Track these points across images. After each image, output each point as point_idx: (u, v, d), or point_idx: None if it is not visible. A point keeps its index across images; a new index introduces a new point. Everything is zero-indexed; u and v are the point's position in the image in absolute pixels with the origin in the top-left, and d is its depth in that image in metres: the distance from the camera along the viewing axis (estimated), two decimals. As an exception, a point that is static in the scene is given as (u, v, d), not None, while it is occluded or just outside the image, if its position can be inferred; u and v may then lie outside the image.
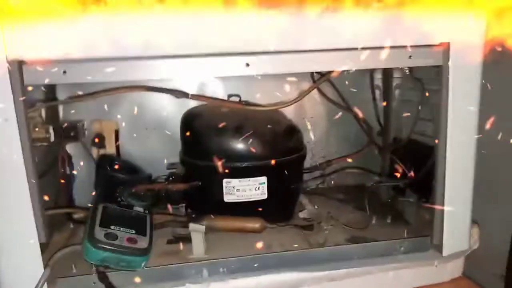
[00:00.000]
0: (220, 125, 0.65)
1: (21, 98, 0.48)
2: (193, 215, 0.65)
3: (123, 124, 0.80)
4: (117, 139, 0.77)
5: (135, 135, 0.80)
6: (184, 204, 0.70)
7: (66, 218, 0.70)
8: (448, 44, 0.55)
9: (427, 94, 0.64)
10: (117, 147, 0.77)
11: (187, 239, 0.63)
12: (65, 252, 0.53)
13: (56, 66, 0.48)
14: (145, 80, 0.55)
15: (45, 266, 0.52)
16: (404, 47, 0.54)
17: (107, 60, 0.49)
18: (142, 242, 0.51)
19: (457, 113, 0.58)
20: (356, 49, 0.53)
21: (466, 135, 0.59)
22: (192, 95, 0.59)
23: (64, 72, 0.49)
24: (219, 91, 0.82)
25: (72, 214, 0.66)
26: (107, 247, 0.48)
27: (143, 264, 0.51)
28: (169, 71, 0.51)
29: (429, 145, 0.70)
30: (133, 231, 0.52)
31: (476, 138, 0.60)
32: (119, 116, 0.79)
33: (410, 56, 0.55)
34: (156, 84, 0.59)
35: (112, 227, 0.51)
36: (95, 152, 0.77)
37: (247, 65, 0.52)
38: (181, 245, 0.64)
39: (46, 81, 0.48)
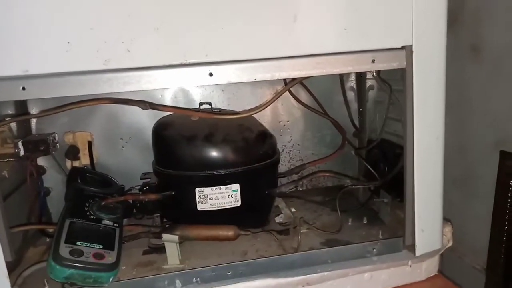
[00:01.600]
0: (191, 134, 0.64)
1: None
2: (167, 225, 0.65)
3: (97, 135, 0.79)
4: (90, 150, 0.76)
5: (109, 145, 0.80)
6: (158, 214, 0.70)
7: (40, 233, 0.69)
8: (411, 47, 0.56)
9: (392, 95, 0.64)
10: (91, 159, 0.77)
11: (162, 249, 0.63)
12: (34, 270, 0.53)
13: (14, 82, 0.48)
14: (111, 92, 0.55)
15: (13, 285, 0.51)
16: (367, 51, 0.55)
17: (67, 75, 0.49)
18: (110, 257, 0.50)
19: (422, 113, 0.58)
20: (318, 55, 0.53)
21: (432, 136, 0.59)
22: (159, 105, 0.59)
23: (23, 88, 0.48)
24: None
25: (46, 229, 0.65)
26: (71, 264, 0.47)
27: (111, 279, 0.50)
28: (130, 85, 0.50)
29: (401, 145, 0.70)
30: (100, 246, 0.51)
31: (443, 138, 0.60)
32: (92, 128, 0.79)
33: (373, 60, 0.55)
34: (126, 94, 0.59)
35: (78, 243, 0.50)
36: (69, 164, 0.77)
37: (211, 74, 0.52)
38: (155, 256, 0.64)
39: (4, 98, 0.47)
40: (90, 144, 0.76)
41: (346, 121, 0.84)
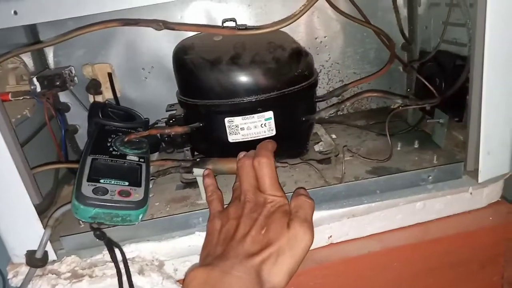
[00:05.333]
0: (214, 57, 0.57)
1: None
2: (198, 159, 0.61)
3: (117, 67, 0.73)
4: (112, 82, 0.71)
5: (131, 77, 0.74)
6: (189, 148, 0.65)
7: (70, 172, 0.67)
8: None
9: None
10: (114, 92, 0.72)
11: (195, 184, 0.59)
12: (65, 210, 0.50)
13: (4, 6, 0.41)
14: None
15: (45, 226, 0.50)
16: None
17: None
18: (137, 194, 0.47)
19: (497, 13, 0.47)
20: None
21: (509, 39, 0.48)
22: (174, 24, 0.51)
23: (15, 12, 0.41)
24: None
25: (72, 167, 0.63)
26: (96, 203, 0.44)
27: (140, 217, 0.47)
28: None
29: (461, 55, 0.60)
30: (126, 183, 0.47)
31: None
32: (111, 59, 0.73)
33: None
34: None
35: (101, 180, 0.46)
36: (92, 99, 0.72)
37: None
38: (189, 191, 0.61)
39: (-5, 25, 0.41)
40: (110, 76, 0.71)
41: (393, 32, 0.72)
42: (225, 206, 0.51)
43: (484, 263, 0.60)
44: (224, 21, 0.59)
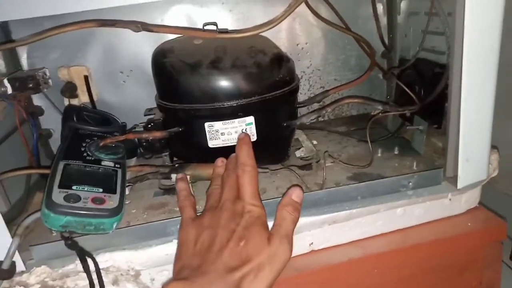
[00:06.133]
0: (194, 60, 0.55)
1: None
2: (176, 165, 0.59)
3: (95, 70, 0.71)
4: (88, 86, 0.69)
5: (109, 81, 0.72)
6: (168, 153, 0.64)
7: (42, 178, 0.65)
8: None
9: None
10: (90, 96, 0.70)
11: (174, 190, 0.58)
12: (35, 218, 0.48)
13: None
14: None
15: (13, 235, 0.47)
16: None
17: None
18: (111, 201, 0.45)
19: (475, 21, 0.47)
20: None
21: (486, 48, 0.49)
22: (154, 25, 0.49)
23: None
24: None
25: (44, 173, 0.60)
26: (67, 211, 0.41)
27: (114, 226, 0.45)
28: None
29: (440, 63, 0.60)
30: (100, 190, 0.45)
31: (499, 50, 0.50)
32: (89, 62, 0.70)
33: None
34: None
35: (74, 187, 0.44)
36: (67, 103, 0.70)
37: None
38: (168, 197, 0.59)
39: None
40: (86, 79, 0.69)
41: (374, 39, 0.72)
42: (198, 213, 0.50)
43: (463, 269, 0.60)
44: (205, 25, 0.58)
